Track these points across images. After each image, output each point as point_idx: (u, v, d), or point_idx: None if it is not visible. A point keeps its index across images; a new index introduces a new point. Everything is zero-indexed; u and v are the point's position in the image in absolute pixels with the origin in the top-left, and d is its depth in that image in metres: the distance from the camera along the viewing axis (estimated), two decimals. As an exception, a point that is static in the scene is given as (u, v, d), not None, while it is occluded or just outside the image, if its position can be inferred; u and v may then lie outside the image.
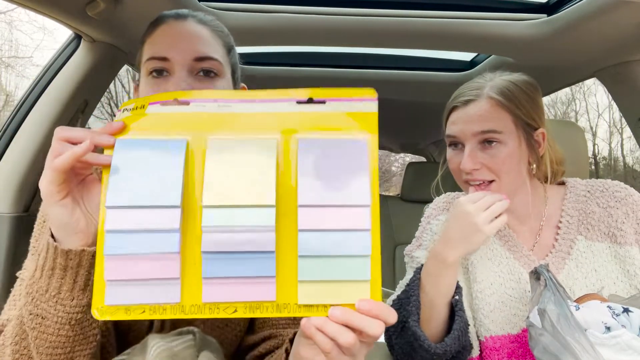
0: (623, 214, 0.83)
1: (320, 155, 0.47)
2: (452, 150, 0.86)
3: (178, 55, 0.66)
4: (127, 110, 0.50)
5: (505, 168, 0.80)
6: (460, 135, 0.83)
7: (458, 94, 0.85)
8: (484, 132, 0.80)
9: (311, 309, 0.46)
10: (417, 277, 0.80)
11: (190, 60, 0.66)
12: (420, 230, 0.95)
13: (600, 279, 0.80)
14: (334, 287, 0.45)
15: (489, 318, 0.82)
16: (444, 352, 0.74)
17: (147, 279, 0.44)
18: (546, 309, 0.64)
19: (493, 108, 0.81)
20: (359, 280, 0.45)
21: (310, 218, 0.45)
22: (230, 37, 0.75)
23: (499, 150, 0.80)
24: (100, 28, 1.13)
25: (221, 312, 0.45)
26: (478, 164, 0.81)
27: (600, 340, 0.62)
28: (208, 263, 0.45)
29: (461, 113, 0.83)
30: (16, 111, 1.23)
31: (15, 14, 10.12)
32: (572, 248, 0.84)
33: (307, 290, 0.45)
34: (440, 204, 0.96)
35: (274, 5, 1.27)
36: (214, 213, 0.45)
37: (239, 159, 0.47)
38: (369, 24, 1.29)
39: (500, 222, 0.76)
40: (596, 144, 12.59)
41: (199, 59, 0.67)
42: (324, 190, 0.45)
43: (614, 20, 1.11)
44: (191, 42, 0.67)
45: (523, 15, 1.29)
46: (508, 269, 0.85)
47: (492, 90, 0.82)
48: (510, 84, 0.83)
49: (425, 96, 2.10)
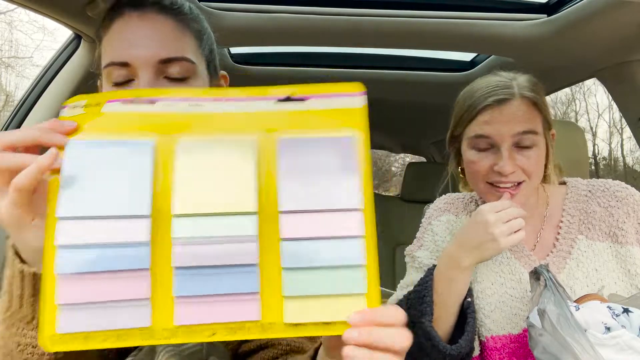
0: (624, 214, 0.82)
1: (303, 156, 0.42)
2: (477, 152, 0.82)
3: (140, 59, 0.56)
4: (79, 107, 0.44)
5: (538, 169, 0.80)
6: (495, 136, 0.79)
7: (485, 93, 0.81)
8: (524, 133, 0.78)
9: (300, 329, 0.40)
10: (430, 278, 0.80)
11: (155, 63, 0.57)
12: (421, 231, 0.95)
13: (601, 278, 0.80)
14: (326, 303, 0.39)
15: (490, 318, 0.82)
16: (458, 354, 0.74)
17: (110, 301, 0.38)
18: (546, 309, 0.64)
19: (529, 108, 0.79)
20: (354, 294, 0.40)
21: (294, 225, 0.40)
22: (201, 19, 0.65)
23: (533, 152, 0.79)
24: (100, 28, 1.13)
25: (197, 336, 0.39)
26: (515, 166, 0.79)
27: (600, 340, 0.62)
28: (180, 280, 0.39)
29: (496, 113, 0.79)
30: (16, 111, 1.23)
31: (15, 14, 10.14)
32: (573, 248, 0.84)
33: (295, 307, 0.39)
34: (441, 204, 0.96)
35: (273, 5, 1.27)
36: (186, 223, 0.39)
37: (214, 161, 0.41)
38: (369, 24, 1.29)
39: (518, 238, 0.75)
40: (596, 144, 12.60)
41: (165, 60, 0.57)
42: (308, 194, 0.40)
43: (614, 20, 1.11)
44: (153, 40, 0.57)
45: (523, 15, 1.29)
46: (509, 269, 0.85)
47: (525, 90, 0.80)
48: (535, 83, 0.82)
49: (426, 96, 2.10)
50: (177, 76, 0.58)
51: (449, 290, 0.77)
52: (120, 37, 0.57)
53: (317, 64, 1.86)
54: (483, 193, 0.85)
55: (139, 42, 0.56)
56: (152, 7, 0.58)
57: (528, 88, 0.81)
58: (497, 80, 0.82)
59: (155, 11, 0.58)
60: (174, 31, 0.59)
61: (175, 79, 0.58)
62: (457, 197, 0.97)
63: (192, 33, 0.61)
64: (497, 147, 0.80)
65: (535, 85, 0.82)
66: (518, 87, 0.80)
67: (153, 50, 0.56)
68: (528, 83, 0.82)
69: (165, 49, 0.57)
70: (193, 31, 0.61)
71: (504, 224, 0.74)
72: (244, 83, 0.95)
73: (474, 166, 0.83)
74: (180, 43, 0.59)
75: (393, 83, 1.95)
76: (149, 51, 0.56)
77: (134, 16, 0.57)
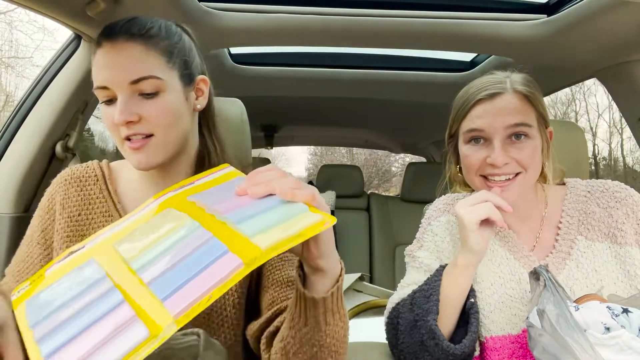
0: (623, 215, 0.83)
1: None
2: (472, 145, 0.84)
3: (115, 83, 0.67)
4: (24, 289, 0.53)
5: (534, 161, 0.81)
6: (488, 128, 0.80)
7: (478, 89, 0.82)
8: (516, 125, 0.79)
9: (278, 247, 0.45)
10: (439, 277, 0.80)
11: (127, 85, 0.67)
12: (421, 232, 0.95)
13: (600, 279, 0.80)
14: (283, 226, 0.47)
15: (489, 318, 0.82)
16: (461, 353, 0.74)
17: (104, 341, 0.41)
18: (545, 309, 0.64)
19: (522, 102, 0.80)
20: (301, 212, 0.49)
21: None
22: (168, 33, 0.73)
23: (527, 144, 0.80)
24: (100, 28, 1.13)
25: (197, 309, 0.42)
26: (509, 157, 0.80)
27: (600, 340, 0.62)
28: (155, 288, 0.44)
29: (488, 106, 0.81)
30: (16, 111, 1.23)
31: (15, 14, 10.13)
32: (572, 248, 0.84)
33: (261, 238, 0.45)
34: (440, 205, 0.96)
35: (273, 5, 1.27)
36: (127, 246, 0.53)
37: (149, 231, 0.53)
38: (369, 25, 1.29)
39: (479, 214, 0.75)
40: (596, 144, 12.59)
41: (135, 81, 0.67)
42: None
43: (614, 20, 1.11)
44: (123, 65, 0.67)
45: (523, 15, 1.29)
46: (508, 270, 0.85)
47: (518, 84, 0.81)
48: (529, 80, 0.84)
49: (426, 96, 2.10)
50: (149, 92, 0.68)
51: (451, 289, 0.78)
52: (99, 65, 0.68)
53: (317, 64, 1.87)
54: (478, 187, 0.85)
55: (112, 69, 0.67)
56: (122, 36, 0.68)
57: (520, 83, 0.82)
58: (490, 77, 0.84)
59: (124, 40, 0.68)
60: (141, 54, 0.68)
61: (147, 94, 0.68)
62: (456, 197, 0.97)
63: (159, 52, 0.70)
64: (490, 140, 0.81)
65: (529, 82, 0.83)
66: (511, 82, 0.82)
67: (124, 73, 0.66)
68: (521, 79, 0.83)
69: (133, 71, 0.67)
70: (160, 50, 0.70)
71: (469, 207, 0.77)
72: (244, 83, 0.94)
73: (468, 160, 0.84)
74: (146, 64, 0.68)
75: (393, 83, 1.95)
76: (120, 75, 0.66)
77: (108, 46, 0.68)
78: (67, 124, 1.24)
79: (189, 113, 0.74)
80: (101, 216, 0.78)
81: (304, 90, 2.08)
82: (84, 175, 0.80)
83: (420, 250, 0.92)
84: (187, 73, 0.73)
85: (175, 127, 0.71)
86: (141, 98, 0.68)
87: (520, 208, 0.87)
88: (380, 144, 3.95)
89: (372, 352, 0.89)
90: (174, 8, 1.13)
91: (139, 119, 0.67)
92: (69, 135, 1.26)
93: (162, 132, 0.69)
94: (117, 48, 0.67)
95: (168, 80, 0.69)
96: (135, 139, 0.68)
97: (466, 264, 0.78)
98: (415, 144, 3.56)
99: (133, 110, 0.67)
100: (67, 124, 1.24)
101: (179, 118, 0.71)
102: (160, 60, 0.69)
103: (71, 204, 0.78)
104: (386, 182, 14.90)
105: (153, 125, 0.68)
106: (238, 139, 0.96)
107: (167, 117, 0.69)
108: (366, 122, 3.07)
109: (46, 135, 1.20)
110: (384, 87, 2.00)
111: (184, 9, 1.17)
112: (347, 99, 2.22)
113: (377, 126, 3.21)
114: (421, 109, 2.46)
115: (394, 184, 14.42)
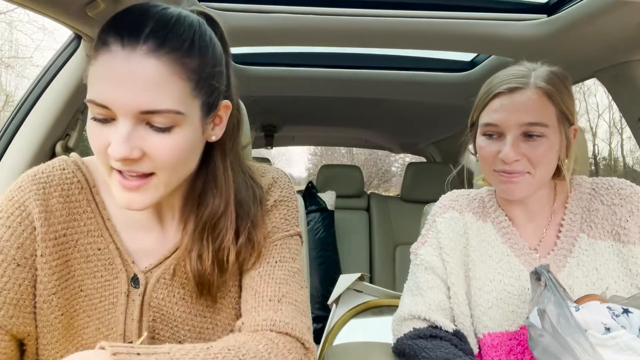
0: (627, 212, 0.82)
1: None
2: (487, 138, 0.83)
3: (120, 106, 0.51)
4: None
5: (545, 161, 0.80)
6: (503, 124, 0.79)
7: (500, 81, 0.81)
8: (531, 124, 0.78)
9: None
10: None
11: (136, 113, 0.52)
12: (425, 228, 0.95)
13: (601, 277, 0.80)
14: None
15: (487, 315, 0.82)
16: None
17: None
18: (546, 309, 0.64)
19: (541, 99, 0.79)
20: None
21: None
22: (203, 47, 0.57)
23: (541, 143, 0.79)
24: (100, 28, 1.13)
25: None
26: (520, 154, 0.79)
27: (600, 340, 0.62)
28: None
29: (506, 100, 0.79)
30: (16, 111, 1.23)
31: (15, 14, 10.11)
32: (574, 246, 0.83)
33: None
34: (445, 201, 0.95)
35: (274, 5, 1.27)
36: None
37: None
38: (369, 25, 1.29)
39: None
40: (596, 144, 12.58)
41: (145, 112, 0.52)
42: None
43: (614, 20, 1.11)
44: (136, 88, 0.51)
45: (523, 15, 1.29)
46: (508, 266, 0.84)
47: (540, 80, 0.80)
48: (554, 75, 0.81)
49: (426, 96, 2.10)
50: (162, 126, 0.53)
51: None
52: (103, 75, 0.52)
53: (317, 64, 1.87)
54: (492, 181, 0.86)
55: (120, 88, 0.51)
56: (143, 45, 0.51)
57: (543, 79, 0.80)
58: (516, 70, 0.82)
59: (144, 52, 0.51)
60: (163, 77, 0.52)
61: (158, 128, 0.54)
62: (461, 194, 0.96)
63: (186, 75, 0.54)
64: (503, 135, 0.81)
65: (555, 77, 0.81)
66: (534, 77, 0.80)
67: (135, 100, 0.51)
68: (546, 74, 0.81)
69: (148, 100, 0.51)
70: (188, 72, 0.54)
71: None
72: (244, 83, 0.94)
73: (482, 152, 0.84)
74: (165, 92, 0.52)
75: (393, 83, 1.95)
76: (130, 99, 0.51)
77: (122, 55, 0.51)
78: (67, 124, 1.24)
79: (200, 147, 0.62)
80: (89, 237, 0.65)
81: (304, 90, 2.08)
82: (64, 180, 0.65)
83: (423, 247, 0.91)
84: (209, 102, 0.59)
85: (183, 166, 0.59)
86: (149, 131, 0.54)
87: (534, 203, 0.87)
88: (380, 144, 3.94)
89: (372, 352, 0.88)
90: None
91: (141, 156, 0.53)
92: (69, 135, 1.26)
93: (166, 173, 0.56)
94: (133, 62, 0.51)
95: (188, 113, 0.55)
96: (131, 178, 0.55)
97: None
98: (415, 144, 3.55)
99: (136, 144, 0.53)
100: (67, 124, 1.24)
101: (190, 156, 0.59)
102: (184, 88, 0.54)
103: (55, 220, 0.63)
104: (386, 182, 14.89)
105: (157, 164, 0.55)
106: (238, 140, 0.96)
107: (176, 156, 0.55)
108: (366, 122, 3.07)
109: (46, 135, 1.20)
110: (384, 87, 2.00)
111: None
112: (347, 99, 2.22)
113: (377, 126, 3.21)
114: (421, 109, 2.46)
115: (394, 184, 14.41)
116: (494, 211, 0.90)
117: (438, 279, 0.87)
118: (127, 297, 0.65)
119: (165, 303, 0.66)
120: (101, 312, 0.65)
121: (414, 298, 0.87)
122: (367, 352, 0.89)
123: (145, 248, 0.67)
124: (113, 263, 0.65)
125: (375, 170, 14.65)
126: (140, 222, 0.68)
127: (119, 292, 0.65)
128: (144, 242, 0.67)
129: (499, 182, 0.83)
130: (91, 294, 0.64)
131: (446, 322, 0.82)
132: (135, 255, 0.67)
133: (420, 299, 0.85)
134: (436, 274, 0.87)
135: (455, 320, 0.85)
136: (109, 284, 0.65)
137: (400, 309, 0.88)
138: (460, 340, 0.80)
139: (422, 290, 0.86)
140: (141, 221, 0.68)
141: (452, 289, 0.85)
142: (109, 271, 0.65)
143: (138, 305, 0.65)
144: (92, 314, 0.64)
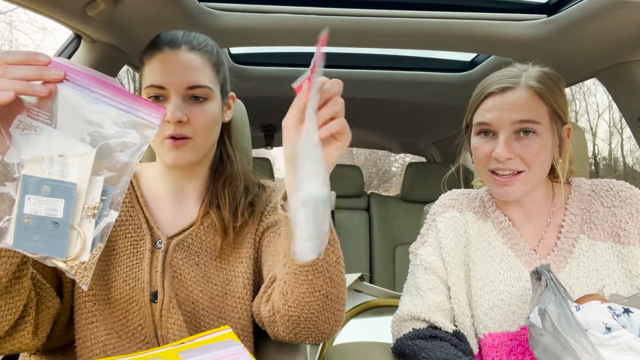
0: (627, 214, 0.82)
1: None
2: (481, 138, 0.84)
3: (173, 85, 0.76)
4: None
5: (539, 160, 0.80)
6: (495, 122, 0.81)
7: (492, 81, 0.83)
8: (522, 122, 0.79)
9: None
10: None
11: (183, 89, 0.76)
12: (425, 228, 0.95)
13: (601, 278, 0.80)
14: None
15: (488, 315, 0.82)
16: None
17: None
18: (547, 309, 0.64)
19: (532, 98, 0.80)
20: None
21: None
22: (218, 52, 0.84)
23: (534, 141, 0.79)
24: (100, 28, 1.13)
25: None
26: (512, 153, 0.79)
27: (601, 340, 0.62)
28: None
29: (498, 100, 0.81)
30: (16, 111, 1.22)
31: (15, 14, 10.12)
32: (574, 247, 0.83)
33: None
34: (445, 200, 0.95)
35: (273, 5, 1.27)
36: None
37: None
38: (369, 25, 1.29)
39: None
40: (596, 144, 12.58)
41: (191, 87, 0.76)
42: None
43: (614, 20, 1.11)
44: (184, 72, 0.77)
45: (523, 15, 1.29)
46: (509, 267, 0.84)
47: (531, 80, 0.81)
48: (546, 75, 0.82)
49: (426, 96, 2.10)
50: (200, 96, 0.78)
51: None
52: (159, 68, 0.77)
53: None
54: (487, 183, 0.86)
55: (173, 73, 0.76)
56: (185, 46, 0.78)
57: (534, 78, 0.81)
58: (507, 71, 0.83)
59: (186, 50, 0.78)
60: (199, 65, 0.78)
61: (196, 99, 0.78)
62: (462, 193, 0.96)
63: (212, 66, 0.81)
64: (497, 134, 0.81)
65: (546, 77, 0.82)
66: (526, 77, 0.81)
67: (183, 79, 0.76)
68: (537, 74, 0.82)
69: (192, 79, 0.77)
70: (212, 63, 0.81)
71: None
72: (244, 83, 0.95)
73: (476, 152, 0.85)
74: (202, 74, 0.78)
75: (393, 83, 1.95)
76: (180, 80, 0.76)
77: (171, 53, 0.77)
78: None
79: (220, 123, 0.85)
80: (124, 207, 0.81)
81: (304, 90, 2.07)
82: None
83: (423, 247, 0.91)
84: (225, 88, 0.86)
85: (211, 132, 0.81)
86: (191, 102, 0.77)
87: (532, 203, 0.87)
88: (380, 144, 3.94)
89: (372, 352, 0.88)
90: (174, 8, 1.13)
91: (187, 121, 0.76)
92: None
93: (201, 136, 0.78)
94: (180, 56, 0.77)
95: (215, 90, 0.80)
96: (179, 139, 0.76)
97: None
98: (415, 144, 3.56)
99: (184, 111, 0.75)
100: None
101: (216, 125, 0.82)
102: (211, 73, 0.80)
103: None
104: (386, 182, 14.89)
105: (196, 129, 0.77)
106: (238, 139, 0.96)
107: (208, 122, 0.79)
108: (366, 122, 3.07)
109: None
110: (384, 87, 2.00)
111: (184, 9, 1.17)
112: (347, 98, 2.21)
113: (377, 126, 3.21)
114: (421, 109, 2.46)
115: (394, 184, 14.41)
116: (493, 211, 0.90)
117: (438, 279, 0.87)
118: (151, 254, 0.78)
119: (182, 264, 0.79)
120: (129, 266, 0.78)
121: (413, 299, 0.87)
122: (367, 352, 0.89)
123: (169, 220, 0.83)
124: (141, 227, 0.81)
125: (375, 170, 14.65)
126: (166, 199, 0.85)
127: (145, 249, 0.79)
128: (167, 215, 0.84)
129: (494, 185, 0.83)
130: (121, 251, 0.78)
131: (446, 322, 0.82)
132: (160, 224, 0.83)
133: (419, 300, 0.85)
134: (436, 274, 0.87)
135: (455, 321, 0.85)
136: (137, 243, 0.80)
137: (399, 309, 0.88)
138: (460, 341, 0.80)
139: (422, 291, 0.86)
140: (167, 198, 0.85)
141: (452, 289, 0.85)
142: (137, 233, 0.80)
143: (161, 261, 0.78)
144: (120, 269, 0.77)
